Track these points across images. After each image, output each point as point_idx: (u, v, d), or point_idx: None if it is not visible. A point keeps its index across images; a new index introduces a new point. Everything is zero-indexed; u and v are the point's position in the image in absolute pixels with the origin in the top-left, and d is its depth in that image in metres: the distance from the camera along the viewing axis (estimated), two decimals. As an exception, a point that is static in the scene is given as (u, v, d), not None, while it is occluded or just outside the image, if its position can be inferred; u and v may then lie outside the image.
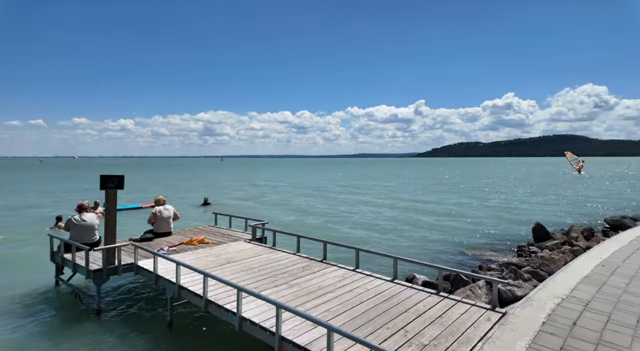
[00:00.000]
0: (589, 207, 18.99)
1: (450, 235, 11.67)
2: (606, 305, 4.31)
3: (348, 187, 33.19)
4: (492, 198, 23.74)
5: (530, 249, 8.27)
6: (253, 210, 18.39)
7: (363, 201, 22.01)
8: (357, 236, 11.93)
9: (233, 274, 5.53)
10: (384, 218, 15.78)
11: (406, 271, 6.98)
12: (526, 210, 17.71)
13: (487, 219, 15.09)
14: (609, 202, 20.76)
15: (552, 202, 21.04)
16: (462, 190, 29.63)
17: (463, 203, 20.58)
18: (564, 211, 17.36)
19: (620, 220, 10.99)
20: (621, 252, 6.66)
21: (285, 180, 44.11)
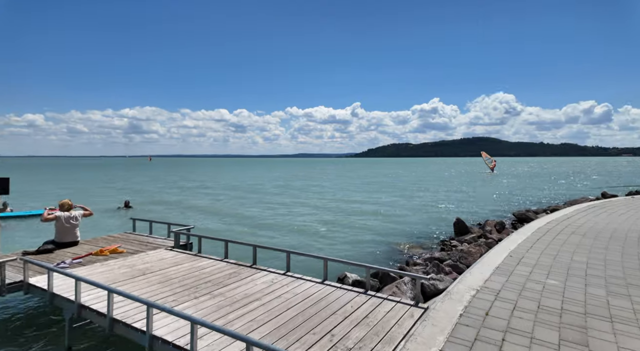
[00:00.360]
0: (501, 202, 21.22)
1: (381, 233, 12.08)
2: (513, 294, 4.69)
3: (284, 188, 32.89)
4: (419, 196, 25.25)
5: (452, 243, 8.87)
6: (179, 214, 17.20)
7: (298, 202, 21.87)
8: (290, 238, 11.74)
9: (148, 287, 4.96)
10: (318, 218, 15.79)
11: (339, 271, 6.99)
12: (449, 207, 19.15)
13: (415, 216, 15.99)
14: (516, 197, 23.44)
15: (470, 199, 23.09)
16: (393, 189, 31.12)
17: (393, 202, 21.57)
18: (480, 206, 19.15)
19: (525, 214, 12.41)
20: (525, 243, 7.42)
21: (219, 181, 42.28)
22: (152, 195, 25.43)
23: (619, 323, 3.88)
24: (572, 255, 6.55)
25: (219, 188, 31.96)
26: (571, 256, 6.46)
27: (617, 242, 7.53)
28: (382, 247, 10.09)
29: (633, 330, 3.75)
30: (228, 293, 4.75)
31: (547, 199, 22.57)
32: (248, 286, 5.01)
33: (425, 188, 32.04)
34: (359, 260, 8.87)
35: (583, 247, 7.14)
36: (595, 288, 4.89)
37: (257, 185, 34.97)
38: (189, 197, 25.06)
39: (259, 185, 35.93)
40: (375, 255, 9.21)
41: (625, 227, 9.12)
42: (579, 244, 7.32)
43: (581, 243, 7.44)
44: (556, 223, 9.57)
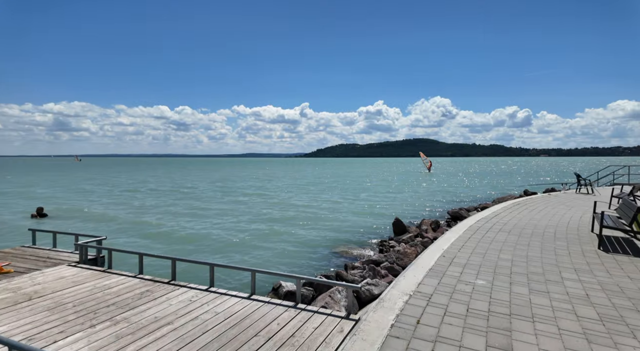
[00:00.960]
0: (437, 201, 22.29)
1: (322, 237, 11.87)
2: (444, 297, 4.63)
3: (223, 191, 31.37)
4: (361, 196, 25.58)
5: (390, 243, 8.89)
6: (98, 223, 15.44)
7: (236, 205, 20.80)
8: (220, 247, 10.94)
9: (30, 317, 4.08)
10: (255, 223, 15.07)
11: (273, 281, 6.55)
12: (389, 206, 19.60)
13: (356, 217, 16.07)
14: (451, 196, 24.87)
15: (409, 198, 23.91)
16: (335, 190, 31.28)
17: (335, 203, 21.58)
18: (418, 205, 19.89)
19: (458, 212, 13.02)
20: (457, 242, 7.61)
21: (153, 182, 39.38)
22: (74, 200, 22.74)
23: (540, 323, 3.94)
24: (499, 252, 6.81)
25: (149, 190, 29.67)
26: (498, 254, 6.70)
27: (537, 238, 8.04)
28: (322, 251, 9.86)
29: (552, 329, 3.82)
30: (134, 318, 4.07)
31: (479, 197, 24.26)
32: (161, 307, 4.35)
33: (368, 188, 32.73)
34: (297, 268, 8.51)
35: (508, 244, 7.49)
36: (519, 287, 5.03)
37: (193, 188, 32.82)
38: (114, 202, 22.81)
39: (196, 187, 33.69)
40: (314, 261, 8.93)
41: (544, 223, 9.86)
42: (504, 241, 7.68)
43: (507, 240, 7.81)
44: (485, 221, 10.06)
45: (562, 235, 8.39)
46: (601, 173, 22.83)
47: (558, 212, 11.88)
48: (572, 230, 8.93)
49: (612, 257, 6.54)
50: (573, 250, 7.03)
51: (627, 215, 7.07)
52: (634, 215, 6.71)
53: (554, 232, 8.74)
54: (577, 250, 7.02)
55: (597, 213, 8.59)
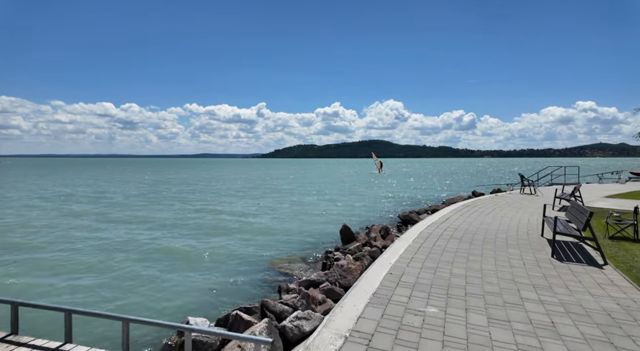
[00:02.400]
0: (388, 203, 21.66)
1: (259, 249, 10.29)
2: (388, 339, 3.61)
3: (147, 194, 27.85)
4: (308, 200, 23.72)
5: (335, 256, 7.85)
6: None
7: (155, 215, 17.40)
8: (106, 274, 8.54)
9: None
10: (172, 238, 12.20)
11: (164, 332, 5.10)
12: (338, 210, 18.41)
13: (303, 223, 14.69)
14: (402, 198, 24.62)
15: (360, 201, 22.85)
16: (283, 193, 29.41)
17: (280, 207, 19.99)
18: (369, 209, 18.97)
19: (409, 215, 12.42)
20: (406, 253, 6.76)
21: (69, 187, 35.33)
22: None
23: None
24: (451, 266, 6.02)
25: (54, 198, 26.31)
26: (450, 268, 5.91)
27: (489, 246, 7.45)
28: (257, 267, 8.52)
29: (521, 383, 2.93)
30: None
31: (430, 198, 24.33)
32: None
33: (318, 190, 31.46)
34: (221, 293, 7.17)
35: (461, 254, 6.77)
36: (476, 315, 4.17)
37: (114, 194, 27.97)
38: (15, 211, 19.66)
39: (116, 193, 28.75)
40: (244, 283, 7.58)
41: (494, 227, 9.42)
42: (456, 251, 6.96)
43: (459, 249, 7.11)
44: (436, 226, 9.42)
45: (513, 241, 7.91)
46: (540, 174, 23.90)
47: (506, 214, 11.67)
48: (522, 235, 8.52)
49: (567, 267, 6.02)
50: (527, 259, 6.45)
51: (579, 220, 6.65)
52: (586, 220, 6.26)
53: (505, 237, 8.26)
54: (531, 259, 6.45)
55: (547, 217, 8.24)
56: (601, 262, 6.26)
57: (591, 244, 6.86)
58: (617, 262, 6.35)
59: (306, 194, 27.72)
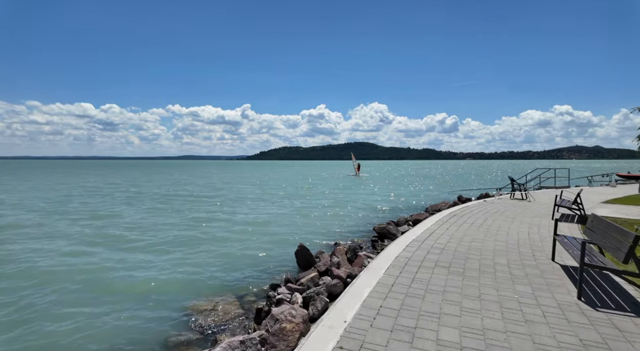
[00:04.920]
0: (364, 211, 18.98)
1: (183, 281, 7.84)
2: None
3: (90, 202, 26.05)
4: (273, 209, 20.32)
5: (277, 296, 5.65)
6: None
7: (82, 225, 15.13)
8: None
9: None
10: (88, 260, 9.68)
11: None
12: (304, 223, 15.40)
13: (252, 243, 11.41)
14: (381, 204, 22.39)
15: (331, 209, 19.84)
16: (251, 199, 26.43)
17: (238, 219, 16.70)
18: (341, 218, 16.37)
19: (386, 228, 10.39)
20: (374, 298, 4.68)
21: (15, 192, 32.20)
22: None
23: None
24: (439, 322, 3.96)
25: (18, 202, 23.32)
26: (437, 328, 3.83)
27: (488, 279, 5.44)
28: (160, 320, 6.09)
29: None
30: None
31: (412, 204, 22.44)
32: None
33: (288, 195, 28.45)
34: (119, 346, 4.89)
35: (450, 296, 4.71)
36: None
37: (64, 198, 25.54)
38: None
39: (59, 199, 25.47)
40: (131, 342, 5.30)
41: (490, 247, 7.46)
42: (444, 291, 4.91)
43: (447, 287, 5.06)
44: (417, 246, 7.39)
45: (518, 268, 5.93)
46: (529, 177, 22.41)
47: (501, 226, 9.77)
48: (528, 258, 6.57)
49: (608, 320, 4.04)
50: (546, 305, 4.45)
51: (616, 247, 4.70)
52: (630, 248, 4.32)
53: (507, 263, 6.28)
54: (551, 305, 4.45)
55: (560, 236, 6.31)
56: (652, 308, 4.32)
57: (631, 279, 4.93)
58: (670, 307, 4.44)
59: (271, 201, 23.99)
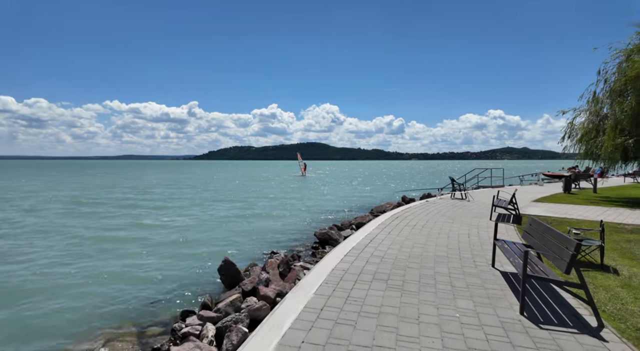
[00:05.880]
0: (308, 213, 18.36)
1: (76, 307, 6.43)
2: None
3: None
4: (203, 213, 18.59)
5: (183, 329, 4.62)
6: None
7: None
8: None
9: None
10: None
11: None
12: (240, 229, 13.83)
13: (168, 259, 9.70)
14: (327, 206, 21.82)
15: (270, 213, 18.38)
16: (175, 206, 22.04)
17: (159, 228, 14.79)
18: (282, 223, 15.07)
19: (327, 233, 9.72)
20: (296, 330, 3.87)
21: None
22: None
23: None
24: (369, 360, 3.25)
25: None
26: (367, 369, 3.12)
27: (428, 292, 4.91)
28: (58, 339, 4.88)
29: None
30: None
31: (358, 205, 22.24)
32: None
33: (227, 197, 26.63)
34: None
35: (386, 323, 4.06)
36: None
37: None
38: None
39: None
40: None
41: (431, 252, 7.06)
42: (380, 313, 4.25)
43: (383, 307, 4.41)
44: (356, 255, 6.76)
45: (459, 279, 5.50)
46: (468, 176, 23.34)
47: (442, 228, 9.56)
48: (469, 265, 6.23)
49: (552, 340, 3.63)
50: (488, 324, 3.97)
51: (557, 256, 4.38)
52: (572, 257, 3.98)
53: (448, 272, 5.85)
54: (493, 324, 3.98)
55: (500, 242, 6.02)
56: (594, 322, 4.01)
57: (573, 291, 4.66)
58: (608, 317, 4.20)
59: (205, 206, 21.50)
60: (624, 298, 4.76)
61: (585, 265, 6.15)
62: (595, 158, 15.77)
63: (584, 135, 15.94)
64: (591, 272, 5.83)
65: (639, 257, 6.75)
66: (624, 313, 4.31)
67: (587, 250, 6.41)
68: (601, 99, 15.14)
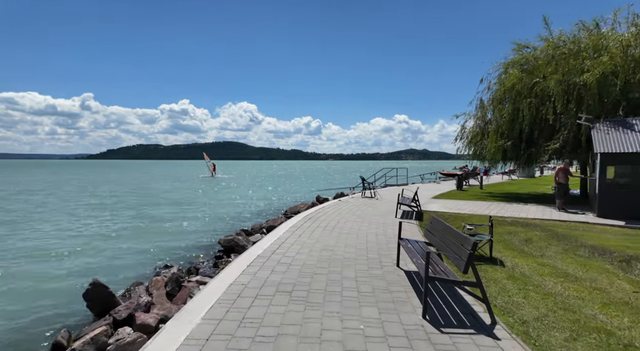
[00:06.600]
0: (214, 219, 16.91)
1: None
2: None
3: None
4: (85, 222, 15.51)
5: None
6: None
7: None
8: None
9: None
10: None
11: None
12: (127, 244, 11.58)
13: (31, 277, 7.93)
14: (238, 209, 20.63)
15: (173, 219, 16.37)
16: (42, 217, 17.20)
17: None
18: (182, 232, 13.24)
19: (234, 240, 8.87)
20: None
21: None
22: None
23: None
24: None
25: None
26: None
27: (334, 302, 4.53)
28: None
29: None
30: None
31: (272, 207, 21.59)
32: None
33: (117, 204, 22.76)
34: None
35: (284, 347, 3.52)
36: None
37: None
38: None
39: None
40: None
41: (339, 255, 6.81)
42: (278, 335, 3.69)
43: (283, 327, 3.86)
44: (261, 264, 6.13)
45: (366, 283, 5.28)
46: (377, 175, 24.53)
47: (352, 228, 9.52)
48: (375, 266, 6.09)
49: (453, 345, 3.52)
50: (392, 335, 3.71)
51: (456, 255, 4.39)
52: (469, 256, 3.98)
53: (355, 276, 5.60)
54: (398, 333, 3.74)
55: (404, 241, 6.02)
56: (488, 320, 4.07)
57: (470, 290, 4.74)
58: (499, 312, 4.34)
59: (86, 215, 17.85)
60: (510, 290, 5.05)
61: (477, 259, 6.53)
62: (482, 159, 17.84)
63: (472, 137, 17.91)
64: (483, 266, 6.19)
65: (519, 248, 7.51)
66: (511, 306, 4.52)
67: (479, 245, 6.84)
68: (486, 106, 17.19)
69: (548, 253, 7.07)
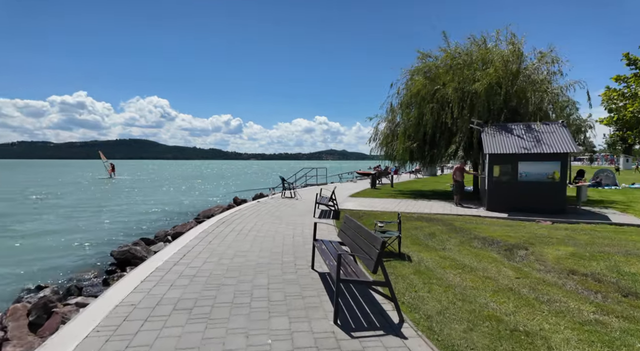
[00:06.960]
0: (111, 227, 14.95)
1: None
2: None
3: None
4: None
5: None
6: None
7: None
8: None
9: None
10: None
11: None
12: None
13: None
14: (140, 216, 18.57)
15: (47, 231, 13.96)
16: None
17: None
18: (63, 246, 11.33)
19: (131, 251, 7.74)
20: None
21: None
22: None
23: None
24: None
25: None
26: None
27: (241, 316, 4.11)
28: None
29: None
30: None
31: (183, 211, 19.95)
32: None
33: None
34: None
35: (176, 374, 3.00)
36: None
37: None
38: None
39: None
40: None
41: (252, 261, 6.38)
42: (170, 364, 3.14)
43: (178, 353, 3.33)
44: (157, 280, 5.36)
45: (278, 290, 4.97)
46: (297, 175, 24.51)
47: (269, 230, 9.13)
48: (290, 271, 5.82)
49: (362, 349, 3.41)
50: (301, 347, 3.46)
51: (366, 254, 4.34)
52: (378, 256, 3.95)
53: (267, 283, 5.25)
54: (308, 344, 3.50)
55: (319, 242, 5.86)
56: (396, 318, 4.09)
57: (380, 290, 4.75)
58: (407, 309, 4.42)
59: None
60: (417, 285, 5.24)
61: (387, 255, 6.74)
62: (392, 159, 19.01)
63: (384, 139, 18.98)
64: (392, 262, 6.39)
65: (423, 242, 8.00)
66: (417, 301, 4.66)
67: (389, 241, 7.08)
68: (395, 109, 18.37)
69: (448, 246, 7.66)
